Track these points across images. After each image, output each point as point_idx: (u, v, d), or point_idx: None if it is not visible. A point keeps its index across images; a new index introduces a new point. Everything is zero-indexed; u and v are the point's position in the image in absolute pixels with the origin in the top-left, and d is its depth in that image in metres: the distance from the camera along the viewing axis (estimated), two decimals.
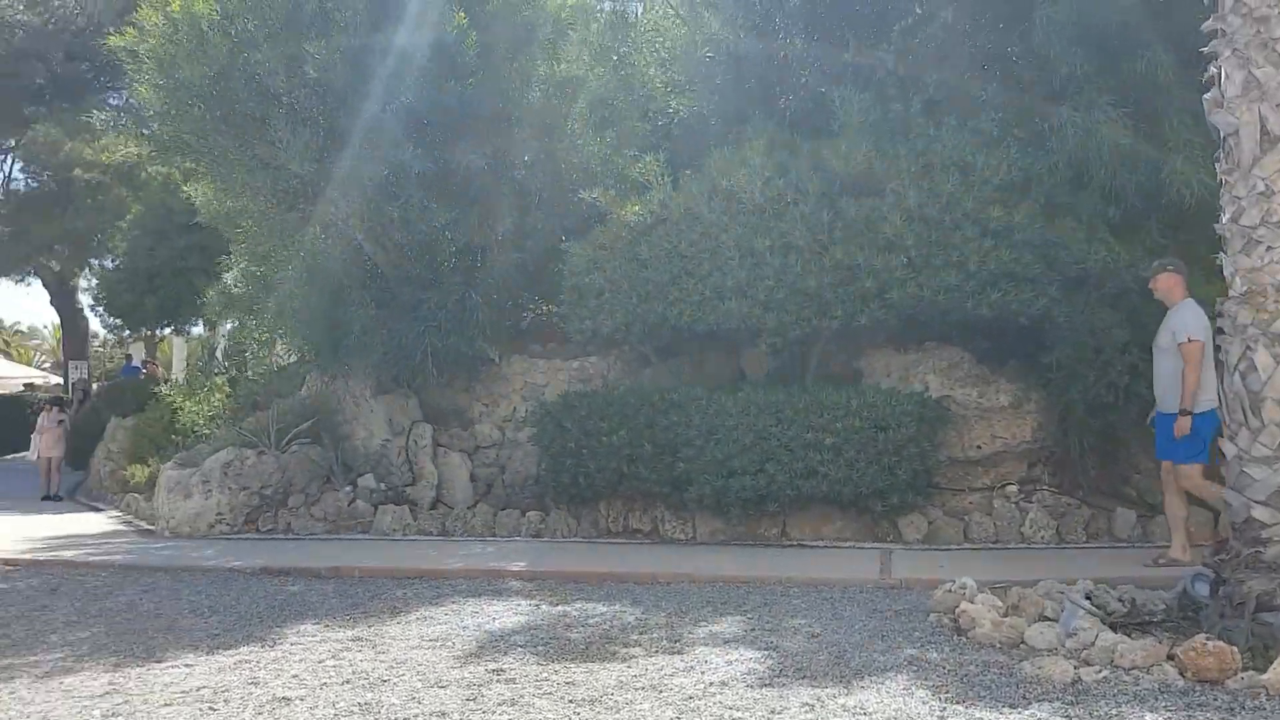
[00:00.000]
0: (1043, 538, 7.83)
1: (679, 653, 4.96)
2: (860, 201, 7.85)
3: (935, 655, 4.82)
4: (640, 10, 11.70)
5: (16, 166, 26.27)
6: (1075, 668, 4.42)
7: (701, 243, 8.23)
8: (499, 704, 4.17)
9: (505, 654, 5.02)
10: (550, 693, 4.32)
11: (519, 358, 10.47)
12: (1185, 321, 6.57)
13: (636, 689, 4.34)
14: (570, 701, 4.19)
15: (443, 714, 4.06)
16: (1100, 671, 4.38)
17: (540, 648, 5.13)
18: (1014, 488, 8.20)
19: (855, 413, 7.76)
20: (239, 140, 9.58)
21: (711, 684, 4.40)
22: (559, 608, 6.18)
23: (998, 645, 4.95)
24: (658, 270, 8.40)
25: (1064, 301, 7.67)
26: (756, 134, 8.27)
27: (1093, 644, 4.64)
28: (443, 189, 9.67)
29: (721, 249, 8.13)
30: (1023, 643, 4.92)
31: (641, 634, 5.38)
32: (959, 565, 6.79)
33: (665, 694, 4.27)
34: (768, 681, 4.44)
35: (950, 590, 5.65)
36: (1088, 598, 5.31)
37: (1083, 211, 7.80)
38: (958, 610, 5.31)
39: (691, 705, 4.12)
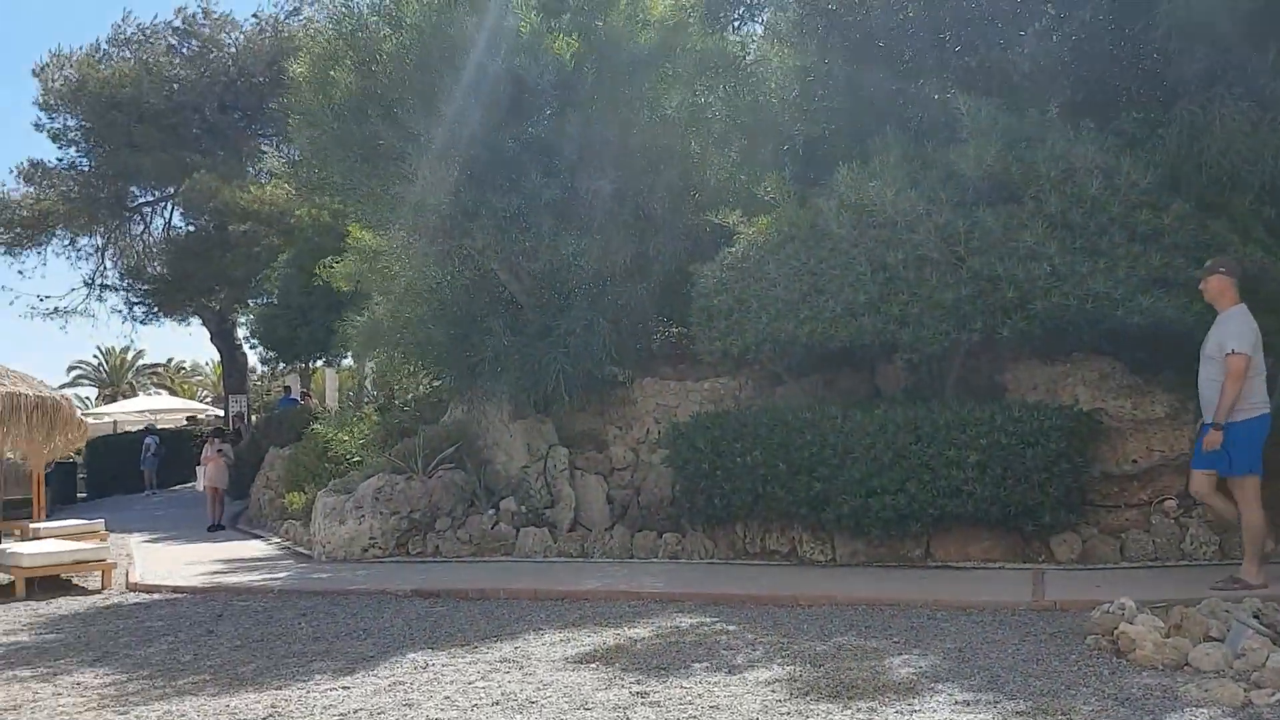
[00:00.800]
0: (1205, 554, 7.38)
1: (825, 676, 4.87)
2: (998, 210, 7.62)
3: (1094, 679, 4.61)
4: (755, 31, 11.75)
5: (177, 213, 28.19)
6: (1245, 690, 4.17)
7: (831, 259, 8.13)
8: None
9: (649, 676, 5.05)
10: (695, 716, 4.32)
11: (650, 380, 10.58)
12: (1233, 331, 6.29)
13: (780, 713, 4.30)
14: None
15: None
16: (1273, 695, 4.12)
17: (683, 670, 5.14)
18: (1173, 502, 7.76)
19: (1000, 428, 7.51)
20: (380, 178, 10.04)
21: (860, 710, 4.32)
22: (699, 631, 6.18)
23: (1160, 668, 4.71)
24: (787, 288, 8.34)
25: None
26: (884, 147, 8.14)
27: (1263, 665, 4.36)
28: (571, 217, 9.89)
29: (852, 264, 8.01)
30: (1187, 664, 4.68)
31: (786, 656, 5.33)
32: (1116, 585, 6.48)
33: (812, 719, 4.22)
34: (918, 710, 4.33)
35: (1108, 611, 5.39)
36: (1256, 616, 4.99)
37: (1236, 212, 7.36)
38: (1117, 632, 5.08)
39: None
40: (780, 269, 8.40)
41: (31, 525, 13.96)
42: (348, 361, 25.37)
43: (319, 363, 25.00)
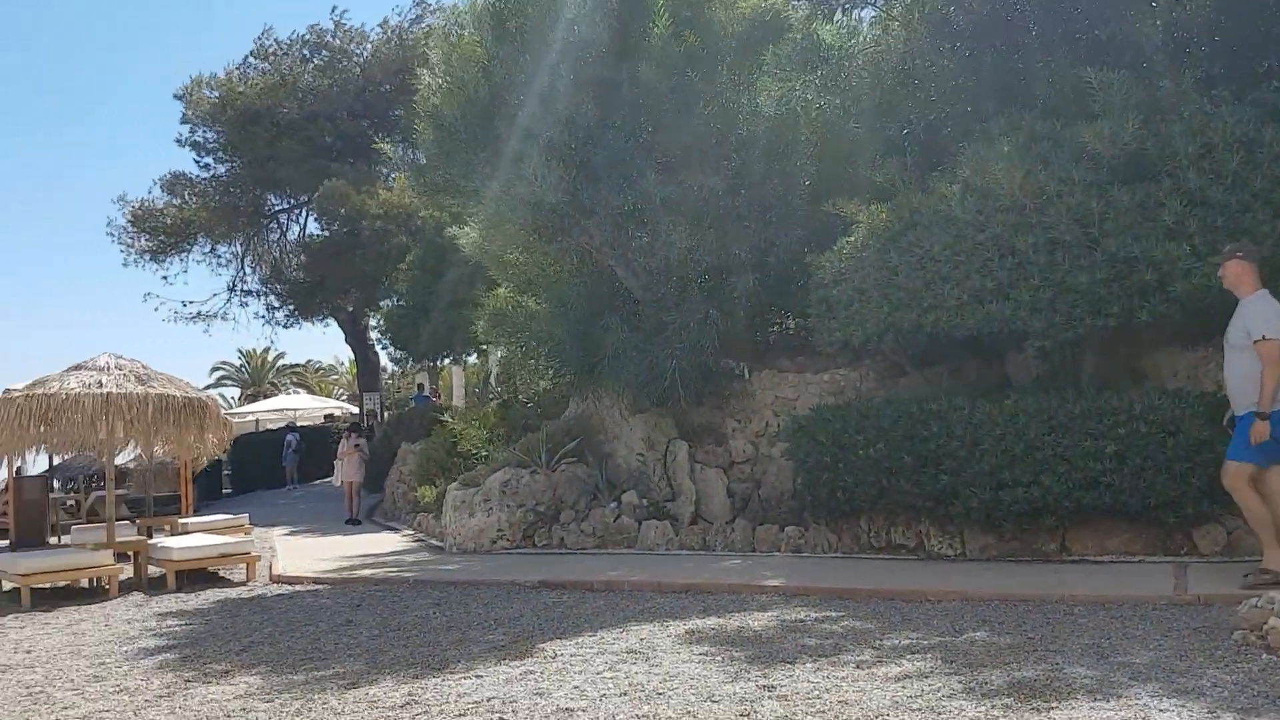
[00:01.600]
0: None
1: (957, 673, 4.78)
2: (1133, 189, 7.27)
3: (1241, 676, 4.38)
4: (866, 15, 11.55)
5: (311, 219, 29.45)
6: None
7: (956, 245, 7.91)
8: None
9: (775, 669, 5.04)
10: (824, 711, 4.29)
11: (768, 373, 10.53)
12: (1261, 316, 6.08)
13: (912, 710, 4.24)
14: None
15: None
16: None
17: (809, 664, 5.11)
18: None
19: (1140, 417, 7.19)
20: (501, 179, 10.27)
21: (994, 706, 4.22)
22: (824, 625, 6.13)
23: None
24: (909, 276, 8.16)
25: None
26: (1011, 128, 7.88)
27: None
28: (685, 212, 9.91)
29: (979, 250, 7.78)
30: None
31: (915, 653, 5.24)
32: None
33: (943, 716, 4.14)
34: (1054, 706, 4.20)
35: (1256, 605, 5.10)
36: None
37: None
38: (1266, 626, 4.82)
39: None
40: (902, 257, 8.23)
41: (180, 520, 14.80)
42: (472, 360, 26.04)
43: (445, 361, 25.75)
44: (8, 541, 15.74)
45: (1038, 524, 7.63)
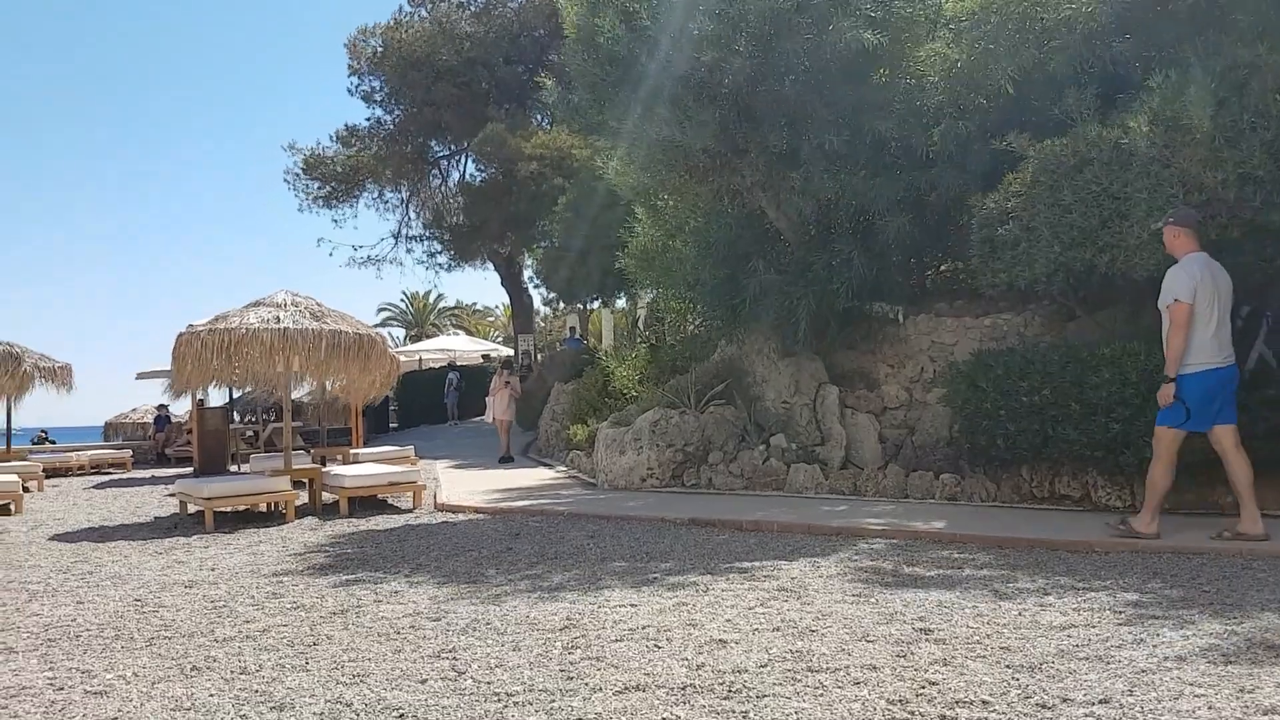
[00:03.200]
0: None
1: (1127, 624, 4.59)
2: None
3: None
4: None
5: (471, 164, 30.28)
6: None
7: (1138, 182, 7.41)
8: (930, 663, 4.14)
9: (931, 613, 4.96)
10: (984, 656, 4.20)
11: (924, 317, 10.23)
12: (1173, 281, 6.41)
13: (1079, 658, 4.10)
14: (1007, 667, 4.04)
15: (873, 667, 4.11)
16: None
17: (969, 609, 5.00)
18: None
19: None
20: (653, 121, 10.24)
21: (1166, 658, 4.04)
22: (984, 571, 5.98)
23: None
24: (1084, 214, 7.72)
25: None
26: (1205, 54, 7.28)
27: None
28: (844, 155, 9.63)
29: (1162, 186, 7.28)
30: None
31: (1081, 602, 5.05)
32: None
33: (1113, 666, 3.98)
34: (1232, 659, 3.98)
35: None
36: None
37: None
38: None
39: (1144, 679, 3.80)
40: (1077, 194, 7.79)
41: (351, 451, 15.63)
42: (621, 304, 26.31)
43: (595, 304, 26.14)
44: (192, 468, 17.06)
45: (1215, 475, 7.18)
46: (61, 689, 4.31)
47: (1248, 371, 6.99)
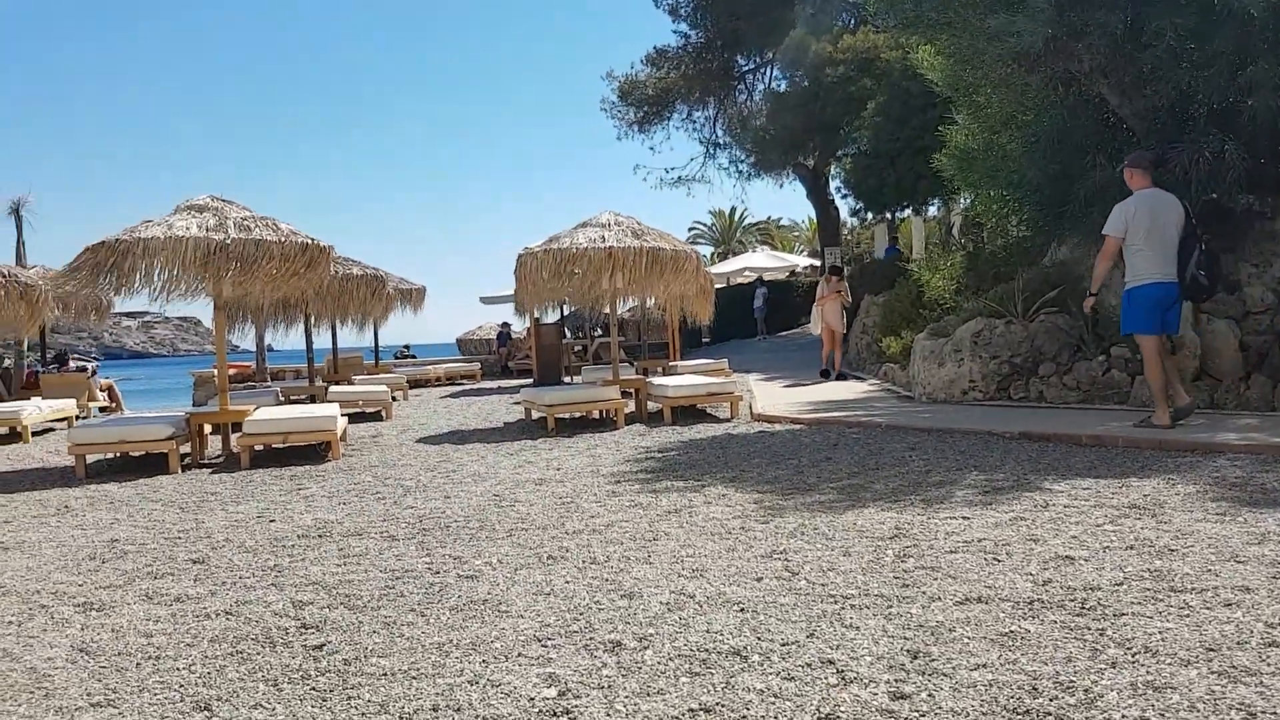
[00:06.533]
0: None
1: None
2: None
3: None
4: None
5: (776, 74, 29.96)
6: None
7: None
8: None
9: None
10: None
11: None
12: (1112, 216, 7.62)
13: None
14: None
15: (1246, 589, 3.74)
16: None
17: None
18: None
19: None
20: (975, 8, 9.55)
21: None
22: None
23: None
24: None
25: None
26: None
27: None
28: (1195, 31, 8.50)
29: None
30: None
31: None
32: None
33: None
34: None
35: None
36: None
37: None
38: None
39: None
40: None
41: (670, 364, 16.29)
42: (933, 211, 25.13)
43: (906, 212, 25.17)
44: (532, 379, 18.60)
45: None
46: (438, 573, 4.86)
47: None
